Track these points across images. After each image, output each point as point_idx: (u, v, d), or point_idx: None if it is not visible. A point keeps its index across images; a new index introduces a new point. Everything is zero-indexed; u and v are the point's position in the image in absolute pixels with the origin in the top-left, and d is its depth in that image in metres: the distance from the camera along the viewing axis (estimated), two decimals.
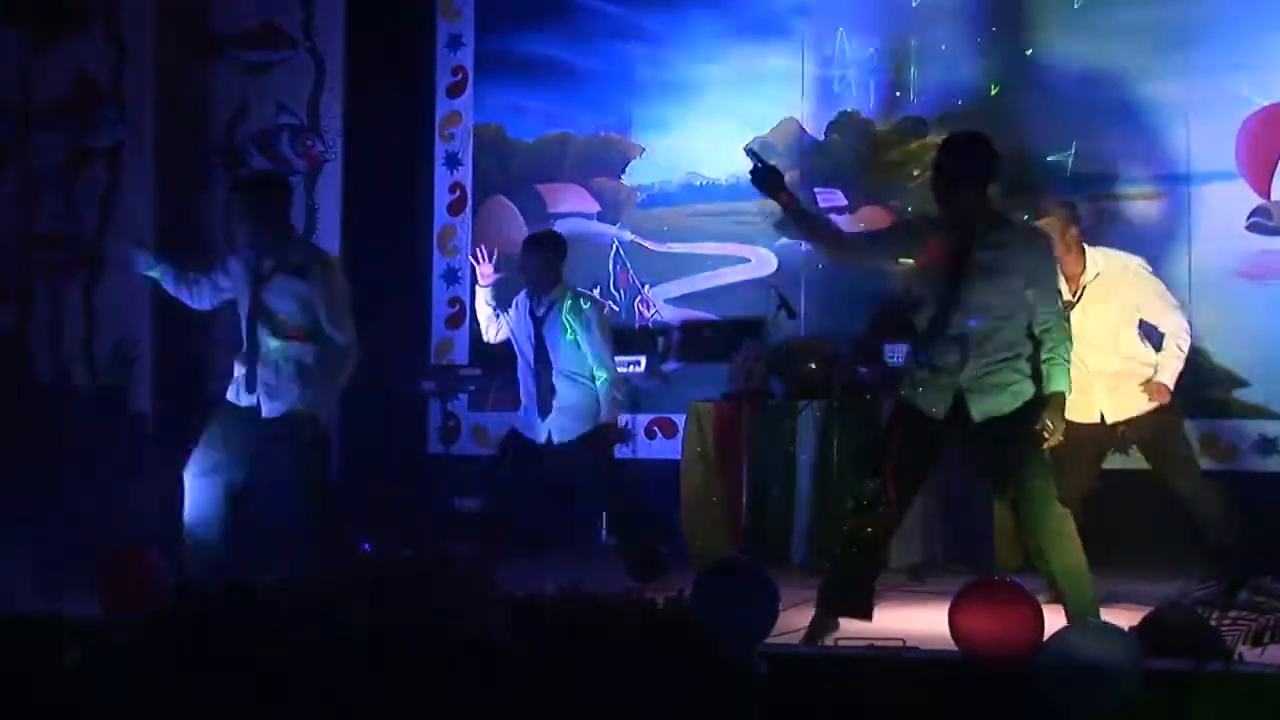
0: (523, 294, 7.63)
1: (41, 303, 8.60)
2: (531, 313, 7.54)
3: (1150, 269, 7.05)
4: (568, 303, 7.50)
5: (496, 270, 7.67)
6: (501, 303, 7.69)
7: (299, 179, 9.42)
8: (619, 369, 7.76)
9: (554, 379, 7.45)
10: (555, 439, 7.47)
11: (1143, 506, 7.40)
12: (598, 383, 7.46)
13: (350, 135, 9.60)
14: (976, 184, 5.63)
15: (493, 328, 7.68)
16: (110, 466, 8.16)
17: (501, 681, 4.88)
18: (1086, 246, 6.89)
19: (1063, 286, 6.37)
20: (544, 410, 7.46)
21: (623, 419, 7.96)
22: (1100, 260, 6.87)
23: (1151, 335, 7.00)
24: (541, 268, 7.50)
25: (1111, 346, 6.83)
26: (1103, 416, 6.88)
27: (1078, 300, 6.73)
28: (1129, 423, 6.92)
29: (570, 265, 7.76)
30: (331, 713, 4.95)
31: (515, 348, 7.65)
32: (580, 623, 5.00)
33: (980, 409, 5.54)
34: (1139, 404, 6.88)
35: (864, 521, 5.70)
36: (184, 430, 8.04)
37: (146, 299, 8.63)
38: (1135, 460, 7.28)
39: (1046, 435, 5.46)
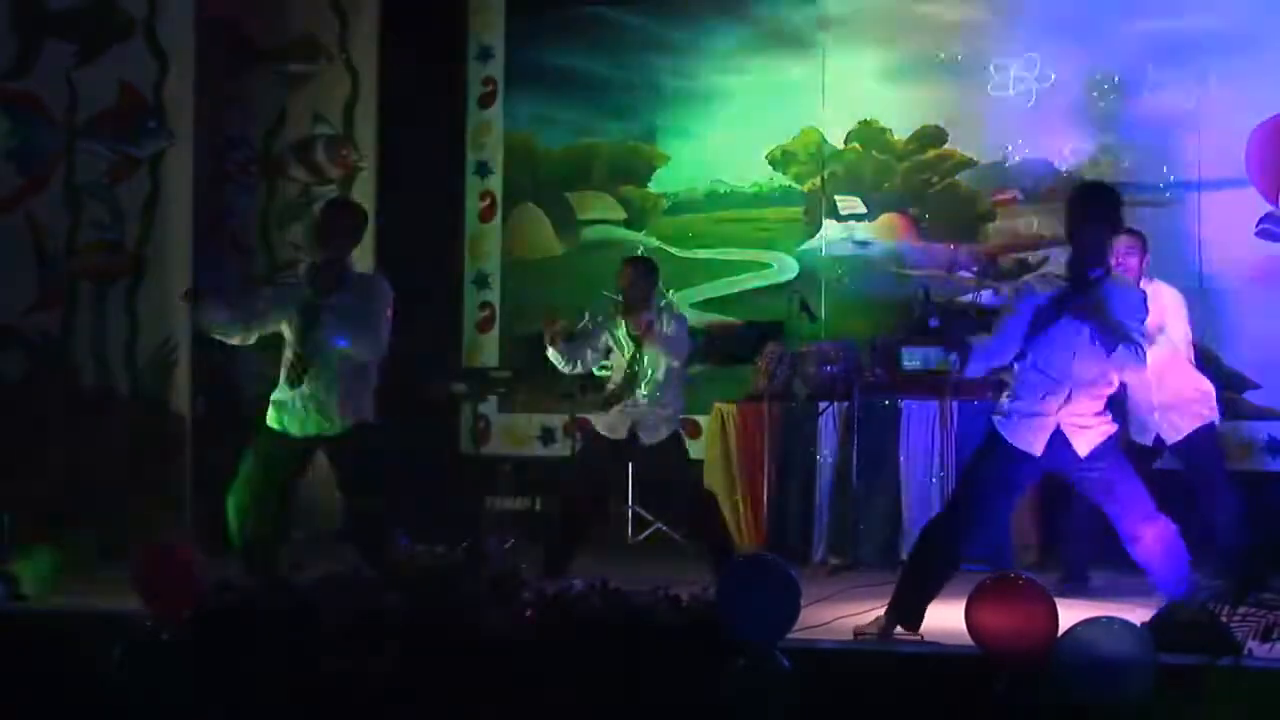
0: (611, 312, 7.83)
1: (85, 308, 8.72)
2: (627, 330, 7.70)
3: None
4: (663, 318, 7.71)
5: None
6: (572, 350, 7.85)
7: (334, 187, 9.59)
8: None
9: (640, 388, 7.65)
10: (642, 439, 7.67)
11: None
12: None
13: (384, 144, 9.74)
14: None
15: (570, 366, 7.86)
16: (150, 466, 8.34)
17: (529, 676, 5.06)
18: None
19: None
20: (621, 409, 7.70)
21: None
22: (1159, 291, 7.08)
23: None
24: (645, 288, 7.75)
25: (1168, 372, 7.03)
26: (1159, 440, 7.11)
27: None
28: (1180, 446, 7.14)
29: (598, 271, 7.92)
30: (366, 706, 5.14)
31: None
32: (607, 619, 5.18)
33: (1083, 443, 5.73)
34: (1191, 425, 7.10)
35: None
36: (220, 431, 8.28)
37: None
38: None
39: None
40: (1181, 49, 8.80)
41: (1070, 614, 4.91)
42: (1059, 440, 5.70)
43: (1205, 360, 7.44)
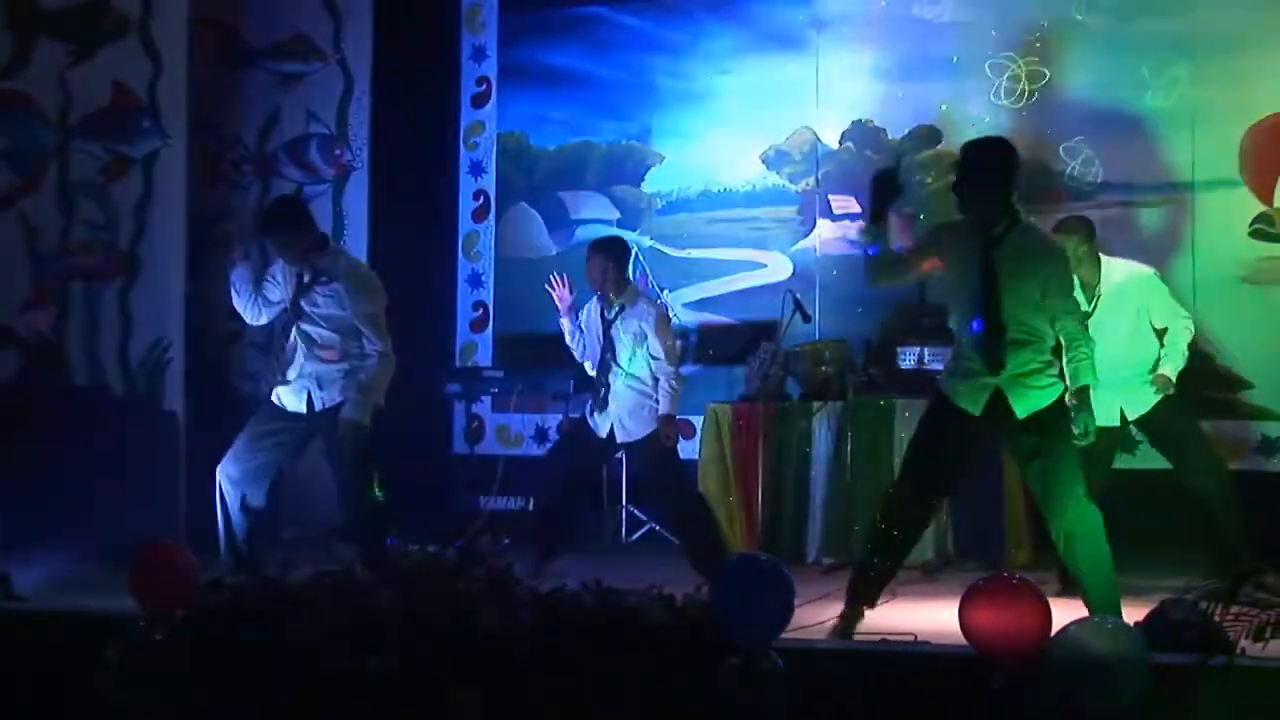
0: (594, 299, 7.80)
1: (78, 308, 8.73)
2: (602, 315, 7.72)
3: (1161, 278, 7.26)
4: (635, 305, 7.69)
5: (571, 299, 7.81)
6: (575, 317, 7.85)
7: (328, 187, 9.60)
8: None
9: (616, 378, 7.63)
10: (618, 437, 7.67)
11: (1147, 504, 7.56)
12: (660, 381, 7.64)
13: (377, 144, 9.73)
14: (999, 187, 5.70)
15: (575, 344, 7.87)
16: (144, 466, 8.34)
17: (524, 676, 5.06)
18: (1102, 257, 7.12)
19: (1080, 298, 6.56)
20: (602, 406, 7.66)
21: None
22: (1115, 271, 7.11)
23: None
24: (609, 272, 7.69)
25: (1127, 352, 7.05)
26: (1122, 416, 7.11)
27: (1094, 310, 6.97)
28: (1145, 419, 7.16)
29: None
30: (361, 706, 5.14)
31: (585, 349, 7.83)
32: (601, 619, 5.17)
33: (1021, 406, 5.70)
34: (1152, 399, 7.12)
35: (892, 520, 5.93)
36: (214, 431, 8.28)
37: (179, 303, 8.80)
38: (1140, 460, 7.46)
39: (1081, 431, 5.61)
40: (1177, 49, 8.81)
41: (1064, 613, 4.89)
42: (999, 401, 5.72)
43: (1198, 357, 7.42)
